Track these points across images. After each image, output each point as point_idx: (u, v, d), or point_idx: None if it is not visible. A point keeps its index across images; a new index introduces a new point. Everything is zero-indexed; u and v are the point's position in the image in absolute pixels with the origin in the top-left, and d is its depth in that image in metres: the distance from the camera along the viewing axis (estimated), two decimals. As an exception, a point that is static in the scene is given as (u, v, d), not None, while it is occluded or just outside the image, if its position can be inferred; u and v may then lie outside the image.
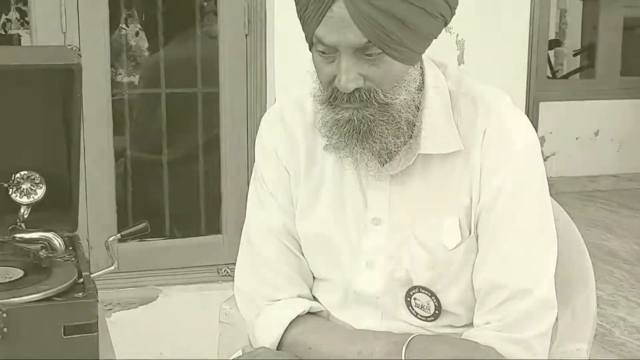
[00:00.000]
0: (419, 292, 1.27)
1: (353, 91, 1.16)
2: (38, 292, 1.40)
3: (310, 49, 1.22)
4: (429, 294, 1.27)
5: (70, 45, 1.58)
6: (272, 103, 2.49)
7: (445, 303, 1.27)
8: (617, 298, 3.66)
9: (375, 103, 1.17)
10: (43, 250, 1.56)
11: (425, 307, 1.28)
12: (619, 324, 3.35)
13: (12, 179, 1.70)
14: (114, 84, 2.59)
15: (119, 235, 1.65)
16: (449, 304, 1.27)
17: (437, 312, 1.28)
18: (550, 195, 1.29)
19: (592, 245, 4.29)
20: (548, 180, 1.27)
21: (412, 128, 1.23)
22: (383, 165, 1.25)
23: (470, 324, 1.28)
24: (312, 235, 1.33)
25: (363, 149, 1.20)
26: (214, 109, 2.68)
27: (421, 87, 1.24)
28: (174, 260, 2.67)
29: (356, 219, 1.29)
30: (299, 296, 1.35)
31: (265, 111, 2.51)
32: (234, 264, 1.42)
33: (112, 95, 2.55)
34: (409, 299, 1.29)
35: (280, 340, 1.30)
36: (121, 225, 2.55)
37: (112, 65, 2.59)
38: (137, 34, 3.52)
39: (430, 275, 1.26)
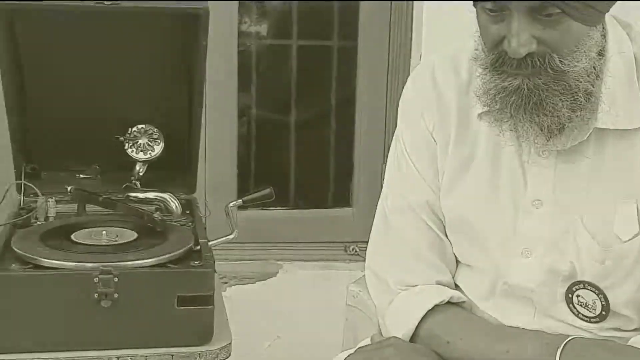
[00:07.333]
0: (584, 288, 1.25)
1: (525, 56, 1.14)
2: (151, 257, 1.45)
3: (474, 4, 1.19)
4: (596, 292, 1.24)
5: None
6: (416, 61, 2.46)
7: (615, 303, 1.24)
8: None
9: (550, 70, 1.15)
10: (158, 212, 1.61)
11: (590, 307, 1.25)
12: None
13: (129, 132, 1.75)
14: (239, 33, 2.61)
15: (240, 200, 1.67)
16: (618, 304, 1.24)
17: (603, 312, 1.25)
18: None
19: None
20: None
21: (589, 99, 1.19)
22: (549, 139, 1.23)
23: (641, 329, 1.25)
24: (457, 215, 1.32)
25: (531, 122, 1.18)
26: (350, 65, 2.68)
27: (602, 52, 1.20)
28: (297, 233, 2.68)
29: (512, 199, 1.27)
30: (439, 283, 1.35)
31: (408, 69, 2.50)
32: (364, 242, 1.43)
33: (237, 46, 2.58)
34: (570, 295, 1.26)
35: (415, 331, 1.30)
36: (242, 190, 2.58)
37: (237, 12, 2.62)
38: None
39: (598, 270, 1.23)
